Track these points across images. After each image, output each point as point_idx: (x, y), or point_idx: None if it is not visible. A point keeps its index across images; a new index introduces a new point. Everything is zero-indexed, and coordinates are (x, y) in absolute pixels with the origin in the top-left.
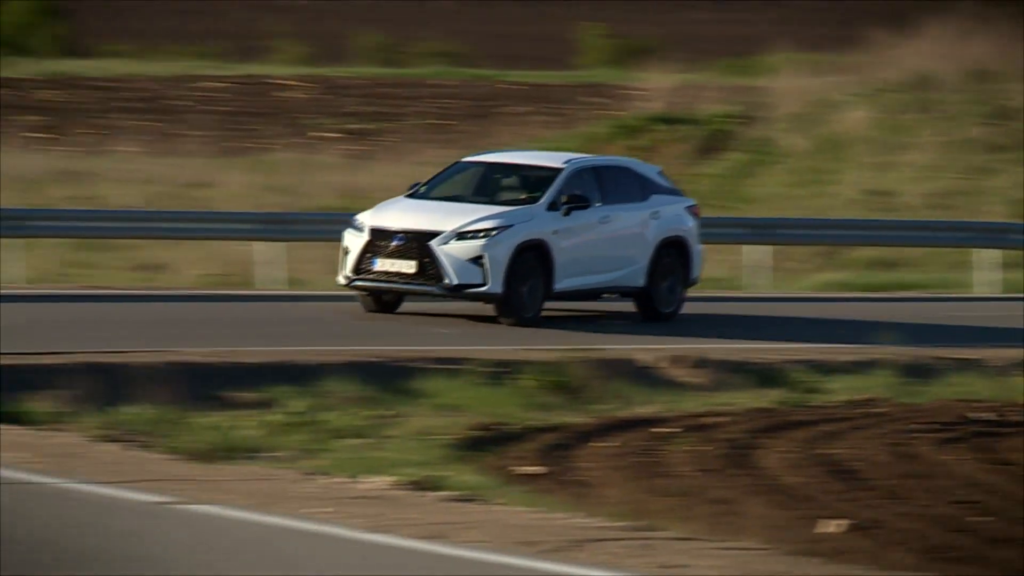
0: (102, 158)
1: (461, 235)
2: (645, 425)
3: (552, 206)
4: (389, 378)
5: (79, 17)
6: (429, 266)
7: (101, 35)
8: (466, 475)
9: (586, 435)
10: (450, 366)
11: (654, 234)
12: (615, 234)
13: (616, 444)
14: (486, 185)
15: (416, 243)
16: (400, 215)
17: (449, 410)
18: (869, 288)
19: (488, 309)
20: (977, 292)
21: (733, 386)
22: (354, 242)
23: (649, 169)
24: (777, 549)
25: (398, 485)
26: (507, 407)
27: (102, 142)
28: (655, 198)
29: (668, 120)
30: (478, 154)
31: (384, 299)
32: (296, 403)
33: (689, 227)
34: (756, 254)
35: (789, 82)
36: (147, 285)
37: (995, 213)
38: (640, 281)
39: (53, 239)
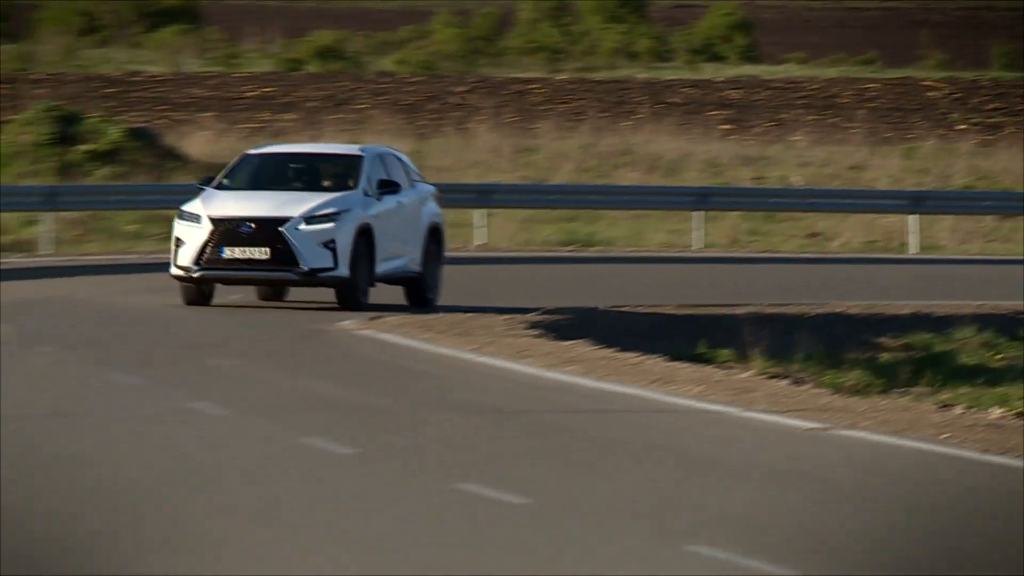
0: (777, 146)
1: (309, 220)
2: None
3: (365, 192)
4: (1010, 327)
5: (758, 30)
6: (282, 252)
7: (778, 45)
8: None
9: None
10: None
11: (424, 221)
12: (405, 220)
13: None
14: (289, 175)
15: (266, 229)
16: (237, 204)
17: None
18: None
19: (320, 295)
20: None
21: None
22: (191, 233)
23: (406, 157)
24: None
25: (1016, 415)
26: None
27: (777, 133)
28: (418, 185)
29: None
30: (261, 147)
31: (203, 289)
32: (930, 344)
33: (441, 213)
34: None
35: None
36: (811, 250)
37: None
38: (417, 267)
39: (733, 212)
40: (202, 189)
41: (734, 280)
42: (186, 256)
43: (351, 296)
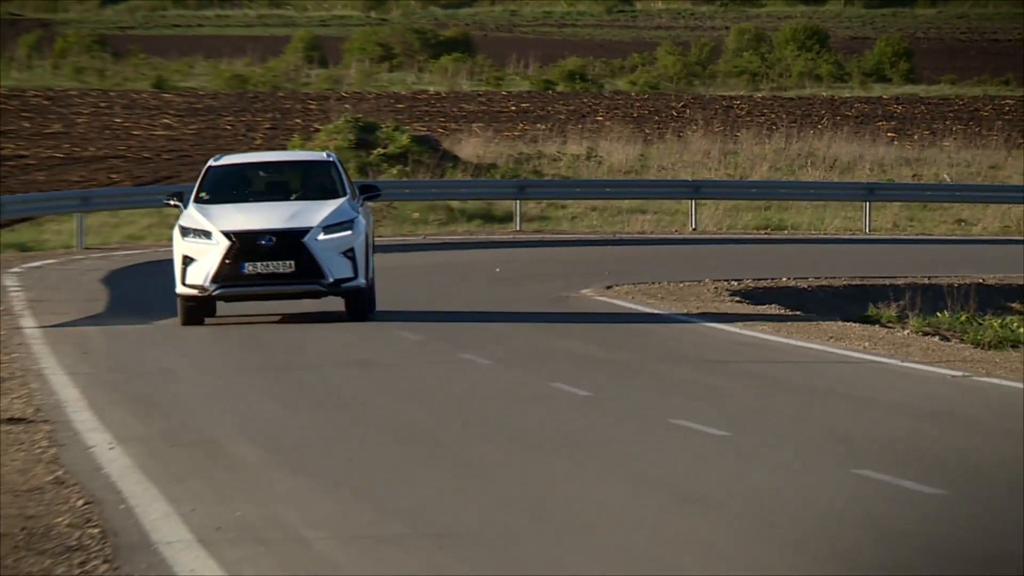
0: (931, 150)
1: (327, 229)
2: None
3: (352, 198)
4: None
5: (917, 56)
6: (307, 264)
7: (934, 69)
8: None
9: None
10: None
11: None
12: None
13: None
14: (271, 184)
15: (288, 242)
16: (246, 217)
17: None
18: None
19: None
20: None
21: None
22: (201, 249)
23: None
24: None
25: None
26: None
27: (931, 140)
28: None
29: None
30: (219, 158)
31: (204, 309)
32: None
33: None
34: None
35: None
36: (958, 234)
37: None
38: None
39: (895, 202)
40: (177, 206)
41: (895, 257)
42: (198, 274)
43: (365, 306)
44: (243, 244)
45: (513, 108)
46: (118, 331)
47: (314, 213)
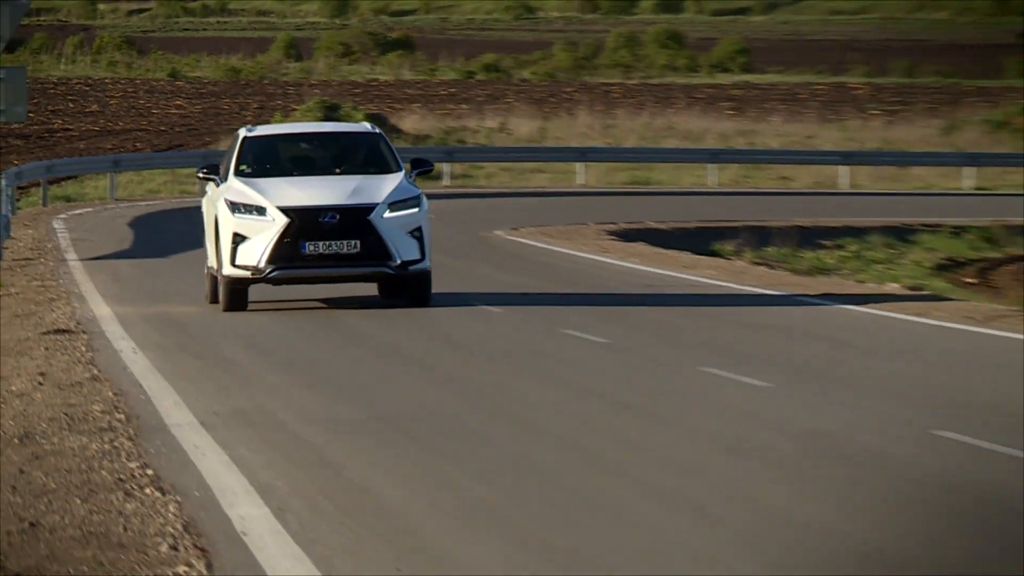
0: (761, 124)
1: (393, 206)
2: None
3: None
4: (906, 233)
5: (753, 52)
6: (374, 244)
7: (765, 62)
8: (938, 282)
9: (1000, 263)
10: (935, 228)
11: None
12: None
13: (1016, 268)
14: (317, 157)
15: (353, 219)
16: (302, 192)
17: (931, 251)
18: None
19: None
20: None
21: None
22: (254, 226)
23: None
24: None
25: (903, 287)
26: (960, 249)
27: (761, 116)
28: None
29: None
30: (253, 129)
31: (238, 288)
32: (852, 246)
33: None
34: None
35: None
36: (781, 188)
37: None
38: None
39: (734, 164)
40: (212, 178)
41: (733, 206)
42: (251, 254)
43: (428, 292)
44: (303, 222)
45: (443, 92)
46: (141, 263)
47: (377, 189)
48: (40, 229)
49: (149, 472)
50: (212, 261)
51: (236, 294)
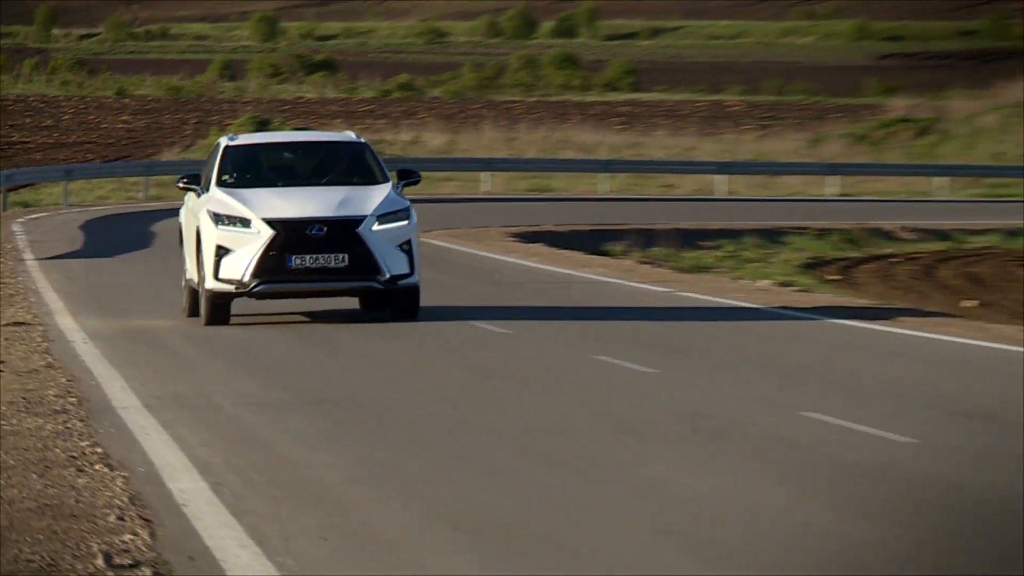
0: (647, 137)
1: (382, 218)
2: (886, 258)
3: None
4: (777, 235)
5: (640, 73)
6: (363, 257)
7: (651, 82)
8: (805, 279)
9: (860, 262)
10: (802, 231)
11: None
12: None
13: (875, 266)
14: (301, 167)
15: (340, 232)
16: (287, 203)
17: (799, 251)
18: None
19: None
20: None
21: (919, 240)
22: (239, 239)
23: None
24: (941, 312)
25: (774, 284)
26: (825, 249)
27: (647, 130)
28: None
29: None
30: (235, 138)
31: (220, 304)
32: (729, 247)
33: None
34: None
35: None
36: (666, 194)
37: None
38: None
39: (623, 173)
40: (193, 189)
41: (623, 211)
42: (235, 267)
43: (416, 306)
44: (289, 234)
45: (363, 109)
46: (91, 262)
47: (365, 200)
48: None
49: (99, 450)
50: (192, 274)
51: (218, 309)
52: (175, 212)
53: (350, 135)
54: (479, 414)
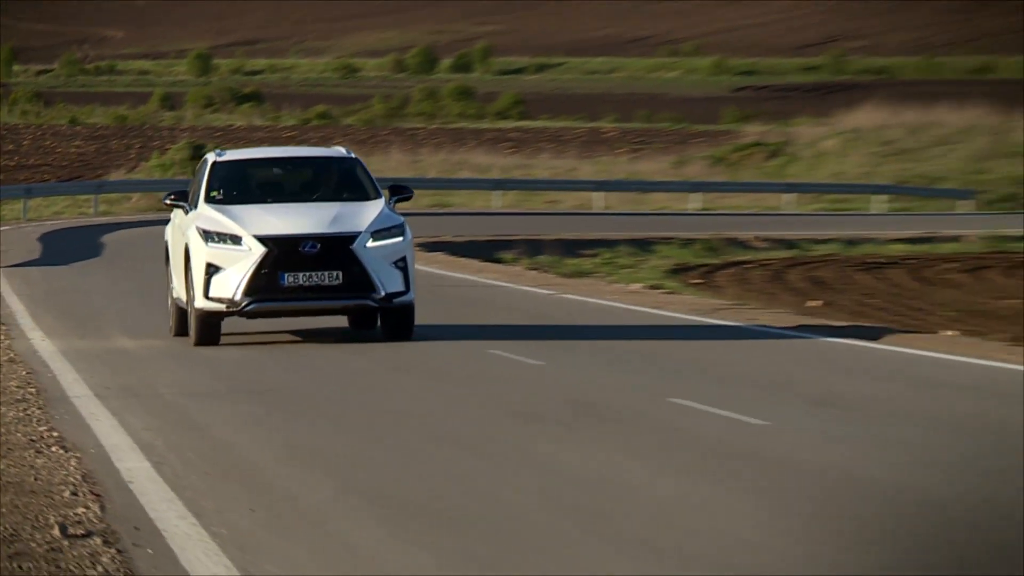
0: (535, 159)
1: (376, 235)
2: (741, 264)
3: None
4: (647, 244)
5: (528, 103)
6: (357, 275)
7: (539, 110)
8: (671, 283)
9: (719, 268)
10: (669, 240)
11: None
12: None
13: (732, 271)
14: (290, 183)
15: (334, 249)
16: (279, 220)
17: (666, 258)
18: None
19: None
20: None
21: (771, 248)
22: (229, 256)
23: None
24: (788, 311)
25: (645, 287)
26: (688, 256)
27: (534, 154)
28: None
29: None
30: (222, 153)
31: (210, 323)
32: (605, 255)
33: None
34: None
35: None
36: (551, 209)
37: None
38: None
39: (513, 190)
40: (180, 206)
41: (514, 224)
42: (226, 285)
43: (411, 325)
44: (282, 251)
45: (286, 135)
46: (48, 270)
47: (358, 216)
48: None
49: (55, 434)
50: (179, 292)
51: (208, 328)
52: (123, 226)
53: (340, 150)
54: (391, 402)
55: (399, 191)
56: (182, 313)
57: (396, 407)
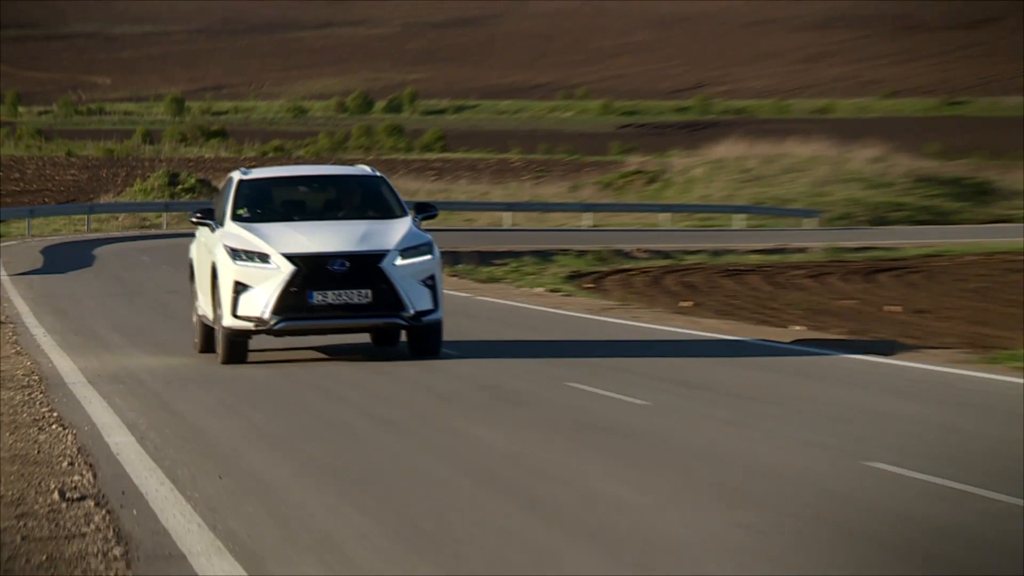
0: (454, 184)
1: (405, 253)
2: (626, 271)
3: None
4: (548, 255)
5: (448, 138)
6: (386, 293)
7: (458, 143)
8: (568, 287)
9: (608, 274)
10: (566, 252)
11: None
12: None
13: (618, 277)
14: (316, 201)
15: (363, 267)
16: (308, 238)
17: (564, 266)
18: None
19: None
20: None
21: (650, 258)
22: (258, 275)
23: None
24: (664, 311)
25: (546, 290)
26: (582, 265)
27: (453, 180)
28: None
29: None
30: (248, 172)
31: (238, 341)
32: (513, 263)
33: None
34: None
35: None
36: (467, 226)
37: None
38: None
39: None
40: (207, 224)
41: (437, 238)
42: (255, 303)
43: (439, 343)
44: (311, 270)
45: (249, 164)
46: (48, 277)
47: (386, 235)
48: None
49: (55, 414)
50: (205, 309)
51: (236, 346)
52: (111, 240)
53: (365, 169)
54: (339, 389)
55: (424, 209)
56: (208, 330)
57: (342, 393)
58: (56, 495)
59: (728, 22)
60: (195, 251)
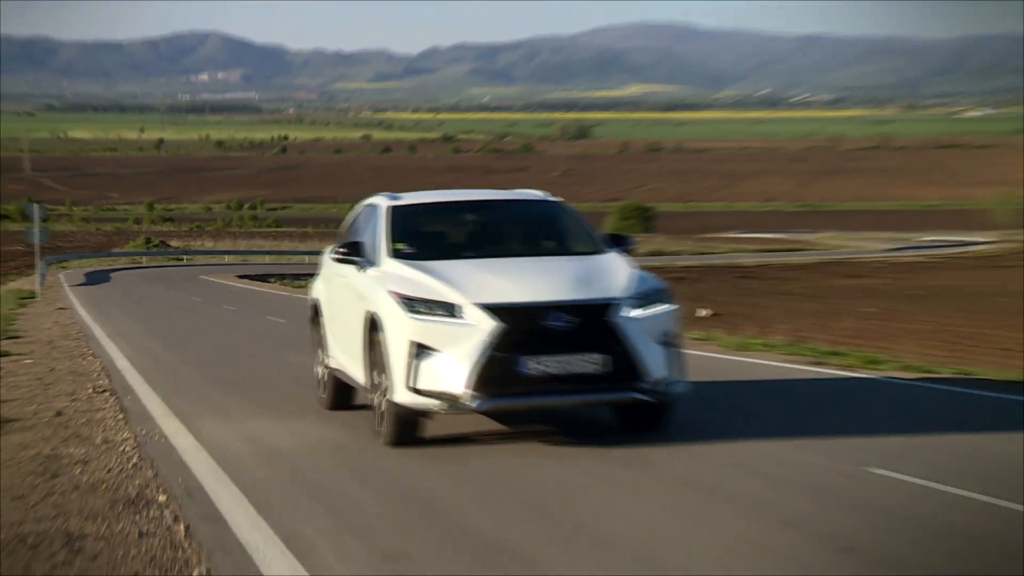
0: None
1: (639, 300)
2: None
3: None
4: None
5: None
6: (622, 357)
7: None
8: None
9: None
10: None
11: None
12: None
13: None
14: (494, 232)
15: (590, 323)
16: (505, 282)
17: None
18: None
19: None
20: None
21: None
22: (448, 334)
23: None
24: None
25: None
26: None
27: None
28: None
29: None
30: (397, 197)
31: (412, 420)
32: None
33: None
34: None
35: None
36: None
37: None
38: None
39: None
40: (354, 261)
41: (283, 267)
42: (444, 374)
43: (668, 416)
44: (520, 327)
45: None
46: (86, 287)
47: (605, 277)
48: (55, 276)
49: (90, 352)
50: (344, 365)
51: (408, 427)
52: (119, 269)
53: (536, 193)
54: (269, 358)
55: (620, 241)
56: (340, 385)
57: (271, 360)
58: (91, 390)
59: None
60: (324, 291)
